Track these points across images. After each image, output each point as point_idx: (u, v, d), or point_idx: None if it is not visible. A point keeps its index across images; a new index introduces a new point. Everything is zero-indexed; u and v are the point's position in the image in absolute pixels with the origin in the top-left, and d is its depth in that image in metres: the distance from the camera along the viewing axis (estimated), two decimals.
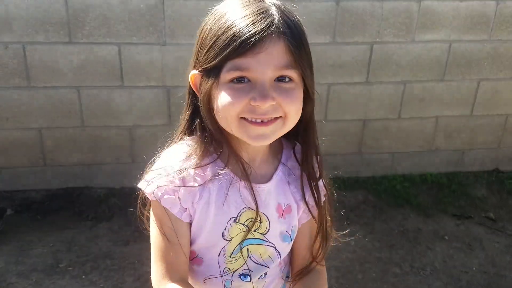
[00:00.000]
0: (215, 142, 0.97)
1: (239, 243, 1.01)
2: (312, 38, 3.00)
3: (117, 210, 2.99)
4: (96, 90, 2.94)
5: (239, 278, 1.04)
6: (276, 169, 1.04)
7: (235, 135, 0.93)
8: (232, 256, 1.02)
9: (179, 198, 0.96)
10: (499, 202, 3.38)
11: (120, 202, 3.04)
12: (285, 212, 1.04)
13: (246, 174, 0.98)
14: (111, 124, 3.03)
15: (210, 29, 0.90)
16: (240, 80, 0.88)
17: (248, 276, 1.04)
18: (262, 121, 0.89)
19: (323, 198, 1.07)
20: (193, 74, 0.95)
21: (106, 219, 2.92)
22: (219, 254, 1.02)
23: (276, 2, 0.91)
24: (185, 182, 0.96)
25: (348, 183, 3.43)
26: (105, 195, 3.12)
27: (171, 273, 0.97)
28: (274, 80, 0.88)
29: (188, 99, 1.01)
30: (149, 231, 1.02)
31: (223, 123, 0.92)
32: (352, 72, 3.16)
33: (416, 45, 3.17)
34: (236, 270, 1.03)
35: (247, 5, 0.89)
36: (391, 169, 3.52)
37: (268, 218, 1.02)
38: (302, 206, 1.06)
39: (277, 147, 1.06)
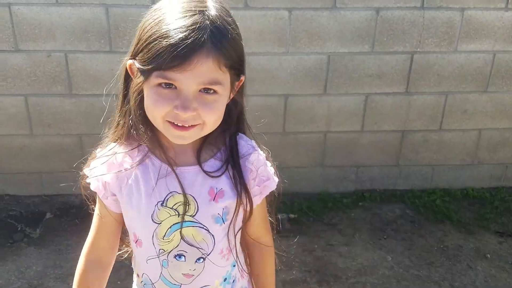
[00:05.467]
0: (142, 128, 1.03)
1: (170, 227, 1.08)
2: (351, 47, 2.98)
3: None
4: None
5: (174, 259, 1.11)
6: (213, 156, 1.10)
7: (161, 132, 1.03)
8: (164, 238, 1.09)
9: (103, 184, 1.09)
10: None
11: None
12: (217, 196, 1.09)
13: (167, 159, 1.06)
14: None
15: (148, 31, 0.95)
16: (167, 85, 0.94)
17: (183, 257, 1.11)
18: (183, 126, 0.97)
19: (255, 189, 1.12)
20: (130, 63, 1.00)
21: None
22: (153, 236, 1.09)
23: (215, 13, 0.94)
24: (111, 168, 1.08)
25: (385, 196, 3.34)
26: None
27: (93, 248, 1.17)
28: (200, 91, 0.95)
29: (123, 84, 1.07)
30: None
31: (152, 121, 1.01)
32: (391, 82, 3.09)
33: (459, 55, 3.07)
34: (171, 251, 1.10)
35: (184, 14, 0.92)
36: (431, 183, 3.42)
37: (195, 200, 1.07)
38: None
39: (220, 137, 1.11)
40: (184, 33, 0.90)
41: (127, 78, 1.04)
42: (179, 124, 0.97)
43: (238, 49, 1.00)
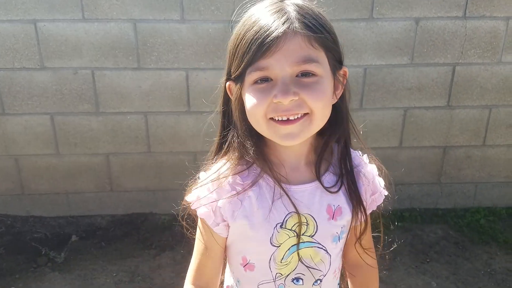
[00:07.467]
0: (249, 144, 0.97)
1: (288, 249, 1.02)
2: (388, 59, 2.83)
3: (180, 238, 2.88)
4: (163, 116, 2.88)
5: (292, 283, 1.05)
6: (327, 170, 1.03)
7: (268, 137, 0.95)
8: (282, 261, 1.03)
9: (214, 211, 1.01)
10: None
11: (184, 230, 2.94)
12: (335, 214, 1.02)
13: (277, 177, 0.98)
14: (177, 150, 2.96)
15: (235, 39, 0.93)
16: (263, 80, 0.89)
17: (301, 280, 1.05)
18: (288, 119, 0.89)
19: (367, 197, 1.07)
20: (228, 83, 0.97)
21: (170, 248, 2.82)
22: (270, 260, 1.03)
23: (296, 1, 0.91)
24: (222, 193, 1.00)
25: (426, 215, 3.16)
26: (169, 222, 3.04)
27: (199, 275, 1.09)
28: (296, 76, 0.88)
29: (223, 108, 1.03)
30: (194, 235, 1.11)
31: (255, 127, 0.94)
32: (431, 95, 2.92)
33: (503, 67, 2.90)
34: (288, 275, 1.04)
35: (265, 8, 0.90)
36: (474, 201, 3.22)
37: (314, 219, 1.01)
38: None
39: (329, 149, 1.04)
40: (267, 20, 0.87)
41: (226, 100, 1.01)
42: (283, 118, 0.89)
43: (330, 29, 0.92)
